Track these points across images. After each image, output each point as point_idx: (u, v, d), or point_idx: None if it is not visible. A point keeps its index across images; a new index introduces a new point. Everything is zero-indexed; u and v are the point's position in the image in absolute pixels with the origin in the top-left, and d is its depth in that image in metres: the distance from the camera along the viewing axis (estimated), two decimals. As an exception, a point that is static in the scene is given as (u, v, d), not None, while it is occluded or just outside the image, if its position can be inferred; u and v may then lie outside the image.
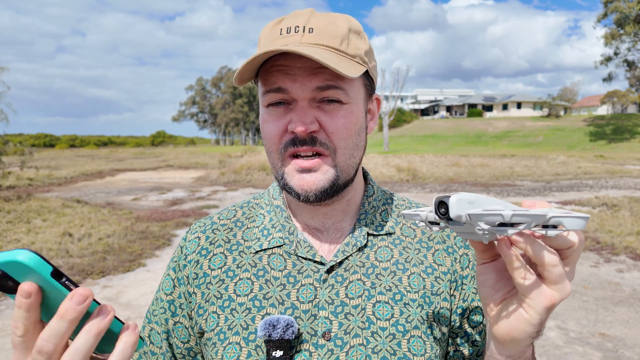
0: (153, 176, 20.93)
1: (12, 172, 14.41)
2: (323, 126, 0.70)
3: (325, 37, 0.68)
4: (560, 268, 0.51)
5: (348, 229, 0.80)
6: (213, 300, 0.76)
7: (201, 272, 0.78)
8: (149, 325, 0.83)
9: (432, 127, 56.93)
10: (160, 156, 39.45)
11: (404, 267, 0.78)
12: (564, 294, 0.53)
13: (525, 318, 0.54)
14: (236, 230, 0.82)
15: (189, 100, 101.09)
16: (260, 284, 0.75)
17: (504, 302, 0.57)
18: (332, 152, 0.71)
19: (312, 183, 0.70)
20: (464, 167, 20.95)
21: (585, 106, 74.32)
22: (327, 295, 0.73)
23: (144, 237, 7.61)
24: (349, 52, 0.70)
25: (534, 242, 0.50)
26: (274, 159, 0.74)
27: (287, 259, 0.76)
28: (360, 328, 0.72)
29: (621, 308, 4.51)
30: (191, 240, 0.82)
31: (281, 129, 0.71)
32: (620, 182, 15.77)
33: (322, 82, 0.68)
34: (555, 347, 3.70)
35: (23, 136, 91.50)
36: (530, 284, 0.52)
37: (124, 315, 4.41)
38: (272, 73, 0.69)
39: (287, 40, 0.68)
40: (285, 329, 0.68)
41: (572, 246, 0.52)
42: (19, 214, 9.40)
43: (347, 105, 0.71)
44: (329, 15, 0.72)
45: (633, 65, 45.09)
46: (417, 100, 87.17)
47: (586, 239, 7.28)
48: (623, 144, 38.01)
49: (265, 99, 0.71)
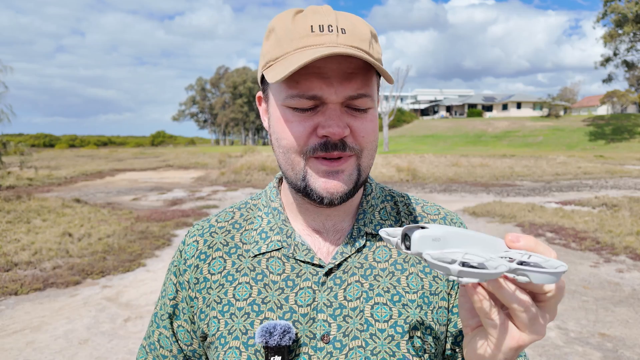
0: (153, 176, 20.93)
1: (12, 172, 14.40)
2: (353, 131, 0.69)
3: (357, 39, 0.66)
4: (532, 312, 0.48)
5: (347, 230, 0.79)
6: (213, 305, 0.76)
7: (201, 276, 0.78)
8: (158, 330, 0.83)
9: (432, 127, 56.92)
10: (160, 156, 39.43)
11: (402, 267, 0.77)
12: (535, 337, 0.50)
13: (489, 354, 0.53)
14: (234, 232, 0.81)
15: (188, 100, 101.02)
16: (258, 288, 0.74)
17: (478, 329, 0.56)
18: (358, 153, 0.70)
19: (339, 186, 0.69)
20: (463, 167, 20.94)
21: (585, 106, 74.32)
22: (325, 298, 0.73)
23: (143, 237, 7.61)
24: (374, 55, 0.68)
25: (500, 286, 0.48)
26: (294, 160, 0.70)
27: (285, 263, 0.76)
28: (358, 330, 0.71)
29: (621, 308, 4.51)
30: (190, 244, 0.81)
31: (309, 131, 0.68)
32: (620, 182, 15.77)
33: (355, 90, 0.66)
34: (555, 347, 3.70)
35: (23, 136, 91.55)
36: (496, 325, 0.50)
37: (123, 315, 4.41)
38: (305, 76, 0.65)
39: (322, 39, 0.64)
40: (282, 336, 0.68)
41: (547, 293, 0.49)
42: (18, 214, 9.40)
43: (372, 110, 0.71)
44: (348, 15, 0.69)
45: (632, 65, 45.08)
46: (417, 100, 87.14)
47: (586, 239, 7.28)
48: (623, 144, 38.01)
49: (293, 102, 0.67)
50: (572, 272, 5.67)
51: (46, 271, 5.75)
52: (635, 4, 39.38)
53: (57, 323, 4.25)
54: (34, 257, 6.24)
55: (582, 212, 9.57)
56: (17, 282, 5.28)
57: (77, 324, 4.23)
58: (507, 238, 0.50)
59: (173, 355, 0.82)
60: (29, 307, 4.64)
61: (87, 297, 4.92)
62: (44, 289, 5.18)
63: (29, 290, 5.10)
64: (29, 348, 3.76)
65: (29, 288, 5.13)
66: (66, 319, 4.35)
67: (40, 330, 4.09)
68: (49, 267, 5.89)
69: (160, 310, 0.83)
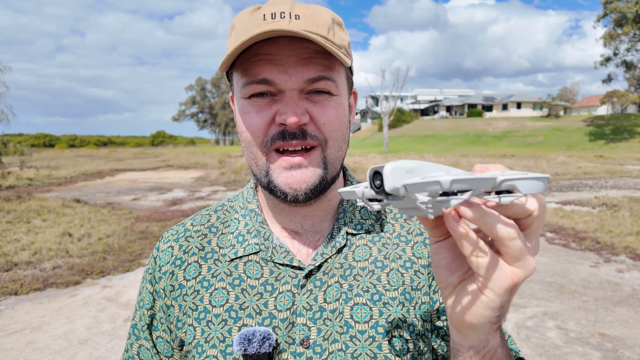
0: (153, 176, 20.92)
1: (12, 172, 14.41)
2: (313, 118, 0.67)
3: (313, 24, 0.64)
4: (520, 241, 0.44)
5: (327, 230, 0.77)
6: (189, 313, 0.73)
7: (177, 283, 0.75)
8: (137, 342, 0.79)
9: (432, 127, 56.90)
10: (160, 156, 39.42)
11: (382, 265, 0.74)
12: (527, 271, 0.45)
13: (484, 301, 0.47)
14: (210, 236, 0.78)
15: (188, 100, 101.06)
16: (236, 294, 0.72)
17: (461, 285, 0.51)
18: (322, 143, 0.68)
19: (301, 180, 0.67)
20: (463, 167, 20.93)
21: (585, 106, 74.31)
22: (304, 301, 0.70)
23: (143, 237, 7.60)
24: (336, 42, 0.66)
25: (485, 212, 0.43)
26: (256, 154, 0.69)
27: (263, 266, 0.73)
28: (338, 333, 0.69)
29: (621, 308, 4.51)
30: (164, 250, 0.78)
31: (267, 121, 0.66)
32: (620, 182, 15.77)
33: (314, 73, 0.64)
34: (555, 347, 3.70)
35: (23, 136, 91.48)
36: (486, 263, 0.45)
37: (123, 315, 4.41)
38: (255, 62, 0.64)
39: (273, 25, 0.63)
40: (261, 343, 0.65)
41: (532, 214, 0.45)
42: (18, 214, 9.40)
43: (337, 97, 0.69)
44: (311, 5, 0.69)
45: (632, 66, 45.09)
46: (417, 100, 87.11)
47: (586, 239, 7.28)
48: (622, 144, 38.01)
49: (246, 90, 0.66)
50: (572, 272, 5.67)
51: (46, 271, 5.75)
52: (635, 4, 39.39)
53: (57, 323, 4.25)
54: (33, 257, 6.24)
55: (582, 212, 9.57)
56: (17, 282, 5.28)
57: (77, 324, 4.23)
58: (476, 168, 0.46)
59: None
60: (29, 307, 4.64)
61: (87, 297, 4.92)
62: (44, 289, 5.18)
63: (29, 290, 5.10)
64: (29, 348, 3.76)
65: (28, 288, 5.13)
66: (66, 319, 4.35)
67: (40, 331, 4.09)
68: (49, 267, 5.89)
69: (139, 321, 0.79)
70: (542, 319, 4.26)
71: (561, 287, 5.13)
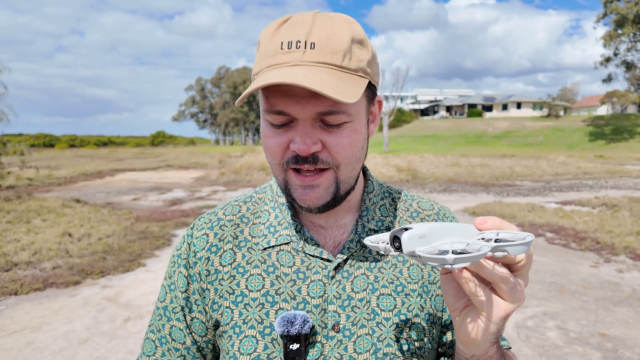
0: (153, 176, 20.93)
1: (12, 172, 14.41)
2: (326, 145, 0.70)
3: (327, 53, 0.67)
4: (512, 282, 0.57)
5: (350, 225, 0.84)
6: (226, 296, 0.79)
7: (212, 268, 0.81)
8: (169, 323, 0.84)
9: (432, 127, 56.93)
10: (160, 156, 39.44)
11: (403, 259, 0.83)
12: (518, 304, 0.59)
13: (483, 327, 0.61)
14: (243, 226, 0.84)
15: (188, 100, 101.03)
16: (271, 280, 0.79)
17: (466, 310, 0.63)
18: (334, 167, 0.72)
19: (314, 198, 0.73)
20: (463, 167, 20.94)
21: (585, 106, 74.33)
22: (335, 290, 0.78)
23: (143, 237, 7.60)
24: (351, 67, 0.69)
25: (482, 265, 0.56)
26: (276, 170, 0.75)
27: (295, 256, 0.80)
28: (366, 319, 0.77)
29: (621, 308, 4.51)
30: (199, 237, 0.83)
31: (283, 146, 0.71)
32: (620, 182, 15.78)
33: (324, 107, 0.67)
34: (555, 347, 3.70)
35: (23, 136, 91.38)
36: (484, 301, 0.58)
37: (123, 315, 4.41)
38: (273, 92, 0.68)
39: (288, 57, 0.67)
40: (302, 325, 0.73)
41: (521, 262, 0.58)
42: (18, 214, 9.40)
43: (350, 123, 0.71)
44: (332, 22, 0.69)
45: (632, 66, 45.10)
46: (417, 100, 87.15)
47: (586, 239, 7.29)
48: (622, 144, 38.03)
49: (266, 116, 0.71)
50: (572, 272, 5.67)
51: (46, 271, 5.75)
52: (635, 5, 39.41)
53: (56, 323, 4.25)
54: (33, 257, 6.24)
55: (582, 212, 9.57)
56: (17, 282, 5.28)
57: (77, 324, 4.23)
58: (476, 222, 0.58)
59: (186, 347, 0.83)
60: (28, 307, 4.64)
61: (87, 297, 4.92)
62: (44, 289, 5.18)
63: (28, 290, 5.10)
64: (28, 348, 3.76)
65: (28, 288, 5.13)
66: (66, 319, 4.35)
67: (40, 331, 4.09)
68: (49, 267, 5.89)
69: (170, 303, 0.84)
70: (542, 319, 4.27)
71: (561, 287, 5.13)
